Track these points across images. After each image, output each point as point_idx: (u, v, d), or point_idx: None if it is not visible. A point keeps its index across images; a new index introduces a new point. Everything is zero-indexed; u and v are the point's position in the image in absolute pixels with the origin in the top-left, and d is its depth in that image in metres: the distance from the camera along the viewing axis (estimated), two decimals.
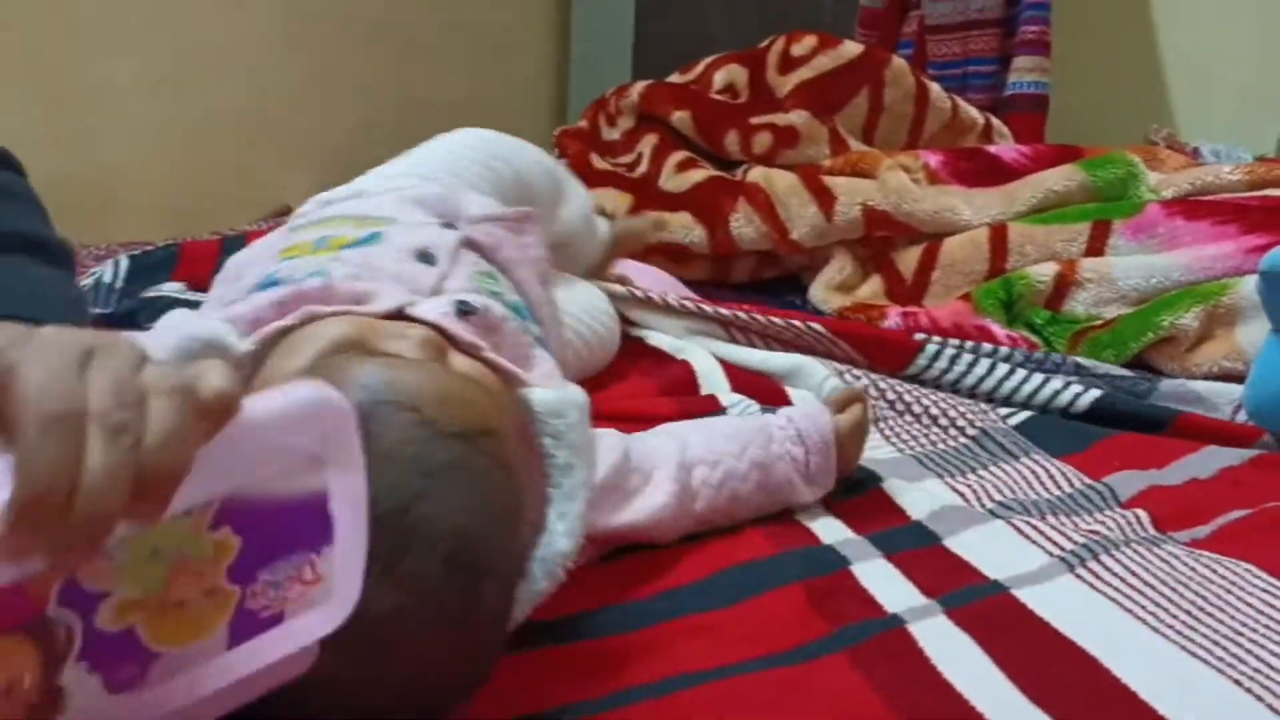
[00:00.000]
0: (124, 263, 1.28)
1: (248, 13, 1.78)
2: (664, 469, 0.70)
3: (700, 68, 1.73)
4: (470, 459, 0.47)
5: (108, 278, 1.25)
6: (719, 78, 1.68)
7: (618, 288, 1.19)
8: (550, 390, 0.58)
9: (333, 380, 0.48)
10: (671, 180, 1.54)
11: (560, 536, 0.54)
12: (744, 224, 1.42)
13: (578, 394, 0.59)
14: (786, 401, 1.01)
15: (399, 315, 0.61)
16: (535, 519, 0.54)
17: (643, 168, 1.61)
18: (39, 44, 1.51)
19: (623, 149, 1.69)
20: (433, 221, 0.77)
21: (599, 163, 1.65)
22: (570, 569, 0.55)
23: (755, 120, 1.54)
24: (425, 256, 0.69)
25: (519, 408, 0.57)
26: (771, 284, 1.52)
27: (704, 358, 1.09)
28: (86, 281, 1.25)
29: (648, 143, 1.64)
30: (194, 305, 0.92)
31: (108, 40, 1.58)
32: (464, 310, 0.63)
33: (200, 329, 0.55)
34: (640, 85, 1.72)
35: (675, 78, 1.76)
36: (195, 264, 1.32)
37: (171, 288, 1.22)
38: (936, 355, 1.04)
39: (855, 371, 1.05)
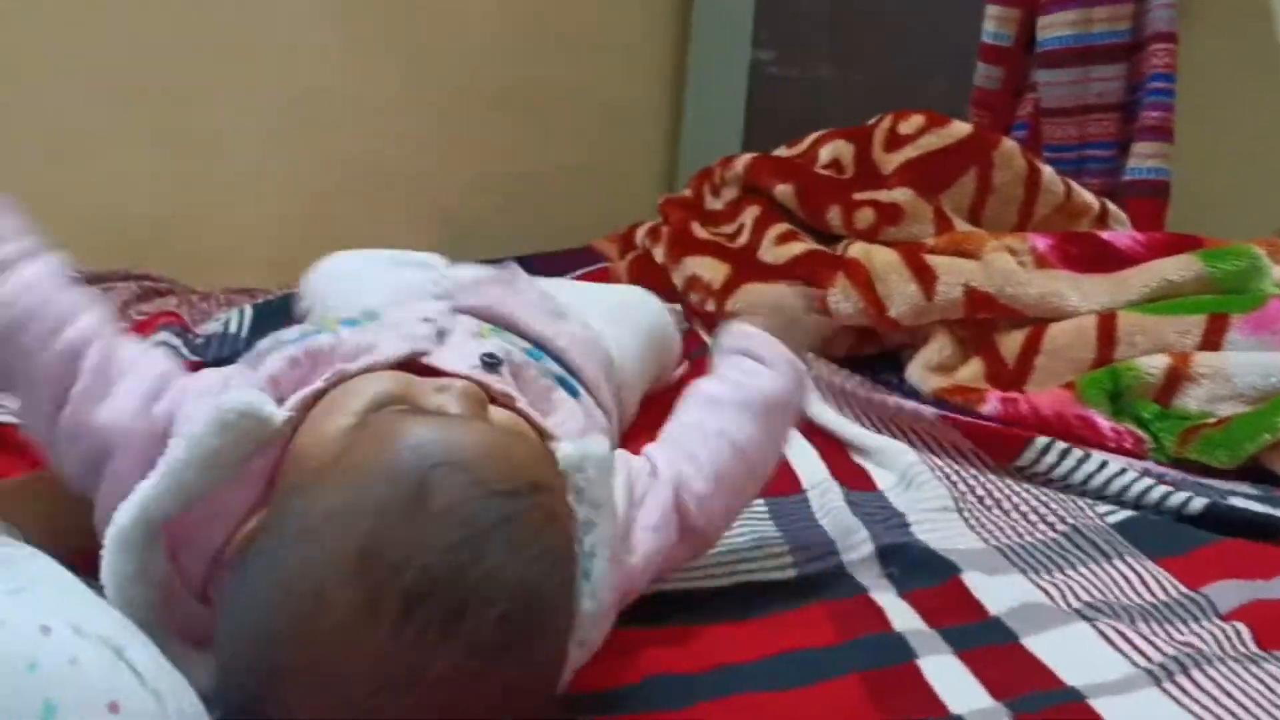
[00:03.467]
0: (248, 311, 1.31)
1: (372, 67, 1.84)
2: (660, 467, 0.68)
3: (807, 142, 1.73)
4: (521, 516, 0.48)
5: (233, 327, 1.29)
6: (825, 152, 1.67)
7: None
8: (571, 444, 0.58)
9: (383, 439, 0.49)
10: (771, 252, 1.53)
11: (585, 598, 0.54)
12: (841, 299, 1.40)
13: (598, 447, 0.59)
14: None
15: (416, 367, 0.63)
16: None
17: (744, 238, 1.61)
18: (158, 87, 1.56)
19: (725, 218, 1.69)
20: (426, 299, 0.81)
21: (700, 231, 1.66)
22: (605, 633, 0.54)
23: (859, 196, 1.53)
24: (426, 320, 0.72)
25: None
26: (870, 360, 1.49)
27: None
28: (213, 327, 1.29)
29: (750, 214, 1.64)
30: None
31: (226, 85, 1.63)
32: (490, 362, 0.64)
33: (236, 400, 0.55)
34: (746, 157, 1.72)
35: (782, 151, 1.76)
36: None
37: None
38: (1046, 449, 1.01)
39: (940, 461, 1.02)
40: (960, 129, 1.55)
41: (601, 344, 0.87)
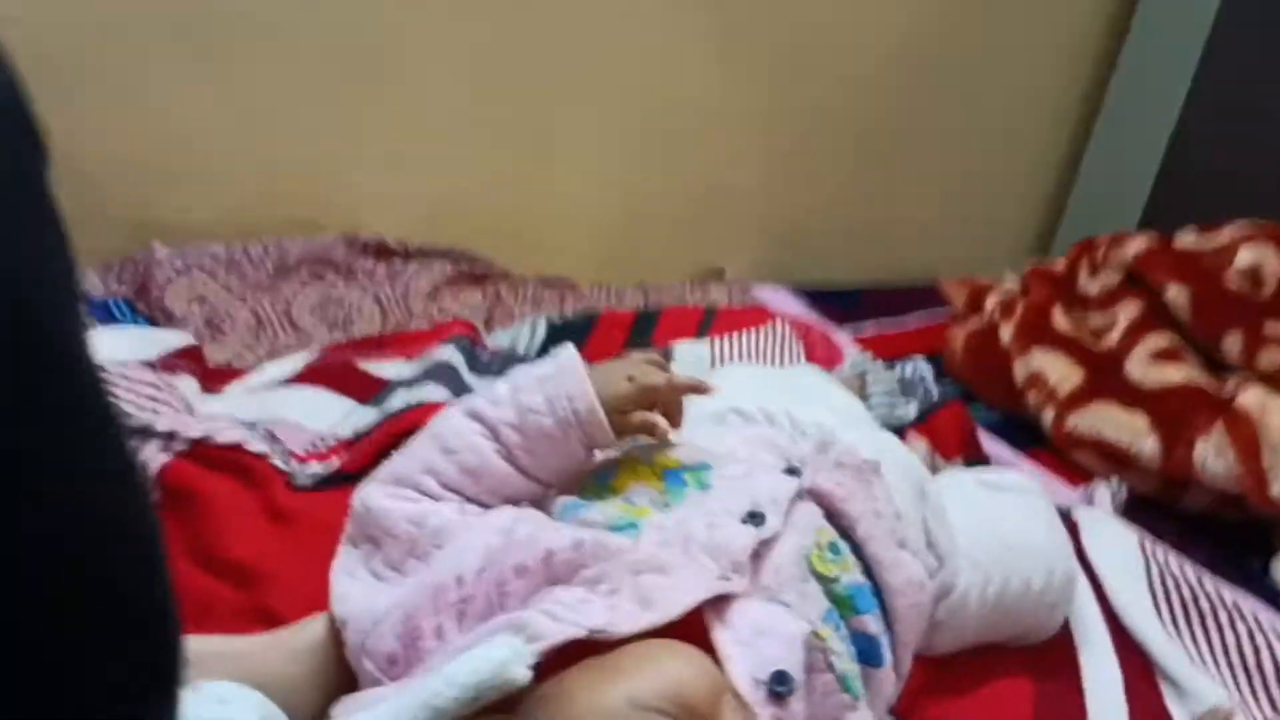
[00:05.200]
0: (541, 329, 1.28)
1: (731, 88, 1.73)
2: None
3: (1223, 236, 1.43)
4: None
5: (521, 348, 1.25)
6: (1245, 255, 1.37)
7: None
8: None
9: None
10: (1141, 368, 1.28)
11: None
12: (1212, 454, 1.14)
13: None
14: None
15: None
16: None
17: (1113, 339, 1.36)
18: (515, 87, 1.56)
19: (1096, 307, 1.45)
20: (777, 465, 0.70)
21: (1061, 319, 1.43)
22: None
23: (1271, 328, 1.24)
24: (753, 516, 0.62)
25: None
26: (1232, 530, 1.21)
27: None
28: (503, 341, 1.26)
29: (1127, 312, 1.38)
30: None
31: (569, 89, 1.60)
32: (779, 692, 0.53)
33: (491, 663, 0.50)
34: (1140, 240, 1.46)
35: (1189, 237, 1.47)
36: (610, 331, 1.31)
37: None
38: None
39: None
40: None
41: (928, 591, 0.71)
